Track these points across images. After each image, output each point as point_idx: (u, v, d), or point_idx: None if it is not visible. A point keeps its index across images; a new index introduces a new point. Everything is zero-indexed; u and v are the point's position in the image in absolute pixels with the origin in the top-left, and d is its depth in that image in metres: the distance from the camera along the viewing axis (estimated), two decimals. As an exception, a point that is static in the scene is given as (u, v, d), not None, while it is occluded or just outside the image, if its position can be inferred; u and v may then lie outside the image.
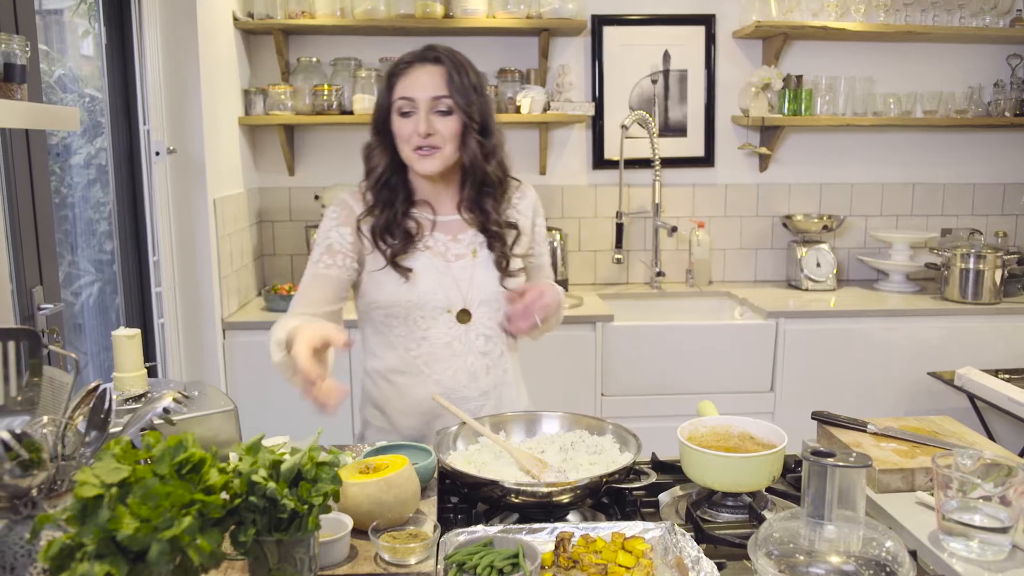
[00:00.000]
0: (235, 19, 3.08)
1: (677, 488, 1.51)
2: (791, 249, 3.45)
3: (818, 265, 3.35)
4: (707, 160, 3.48)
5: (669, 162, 3.44)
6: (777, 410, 3.02)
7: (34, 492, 0.91)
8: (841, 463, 1.10)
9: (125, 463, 0.82)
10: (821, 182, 3.54)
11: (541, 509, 1.35)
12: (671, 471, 1.55)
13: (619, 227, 3.29)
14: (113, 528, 0.77)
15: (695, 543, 1.18)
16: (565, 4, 3.15)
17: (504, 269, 1.70)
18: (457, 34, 3.30)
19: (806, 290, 3.35)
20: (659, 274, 3.44)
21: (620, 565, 1.14)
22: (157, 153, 2.62)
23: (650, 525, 1.24)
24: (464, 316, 1.68)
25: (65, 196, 2.84)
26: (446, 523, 1.35)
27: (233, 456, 1.03)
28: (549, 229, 3.35)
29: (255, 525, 0.91)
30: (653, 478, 1.40)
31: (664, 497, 1.48)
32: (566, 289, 3.35)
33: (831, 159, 3.53)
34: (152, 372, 2.78)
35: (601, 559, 1.16)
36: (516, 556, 1.11)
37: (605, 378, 3.00)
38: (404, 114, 1.60)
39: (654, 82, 3.42)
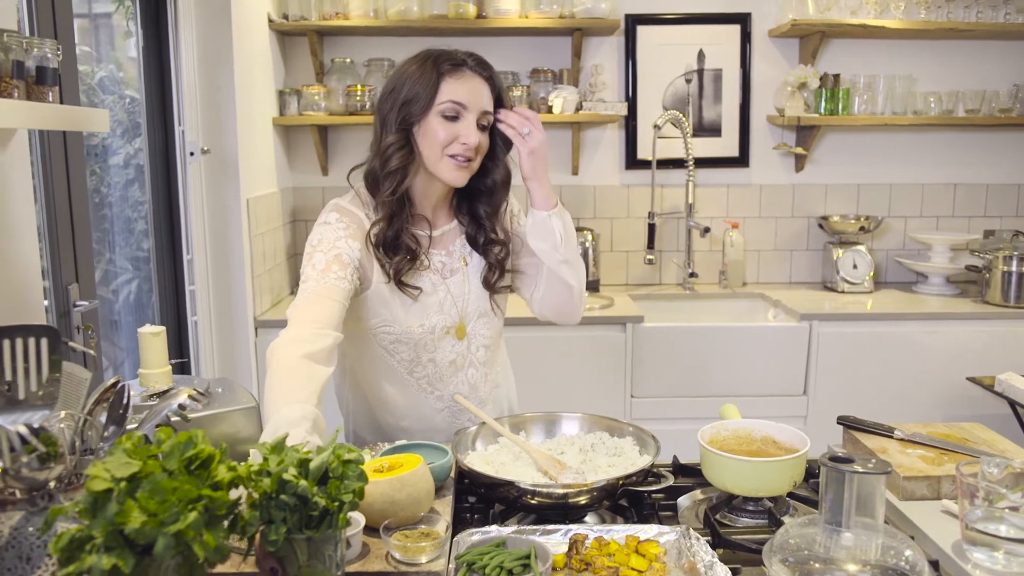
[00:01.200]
0: (270, 21, 3.12)
1: (698, 492, 1.49)
2: (827, 251, 3.39)
3: (854, 267, 3.29)
4: (742, 160, 3.44)
5: (703, 162, 3.40)
6: (810, 414, 2.98)
7: (51, 485, 0.93)
8: (859, 469, 1.08)
9: (136, 458, 0.84)
10: (858, 183, 3.48)
11: (558, 510, 1.35)
12: (693, 474, 1.53)
13: (651, 228, 3.27)
14: (121, 521, 0.78)
15: (710, 548, 1.17)
16: (598, 4, 3.14)
17: (492, 285, 1.66)
18: (490, 34, 3.31)
19: (842, 292, 3.30)
20: (692, 275, 3.41)
21: (633, 568, 1.13)
22: (191, 153, 2.66)
23: (665, 529, 1.23)
24: (461, 332, 1.65)
25: (105, 195, 2.91)
26: (463, 523, 1.35)
27: (254, 453, 1.04)
28: (580, 229, 3.34)
29: (286, 523, 0.92)
30: (670, 481, 1.38)
31: (684, 500, 1.47)
32: (596, 290, 3.34)
33: (869, 159, 3.47)
34: (185, 368, 2.83)
35: (614, 562, 1.15)
36: (528, 557, 1.10)
37: (635, 379, 2.98)
38: (448, 117, 1.51)
39: (688, 81, 3.39)
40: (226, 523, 0.86)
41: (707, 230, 3.29)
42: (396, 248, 1.56)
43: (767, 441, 1.50)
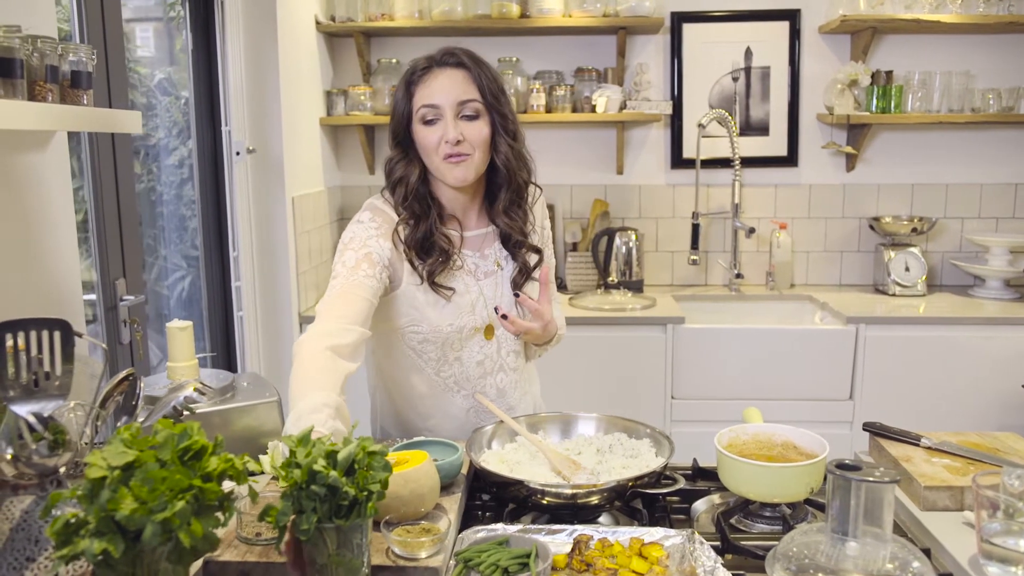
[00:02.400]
0: (317, 23, 3.19)
1: (716, 496, 1.48)
2: (878, 252, 3.30)
3: (907, 269, 3.20)
4: (790, 160, 3.37)
5: (750, 161, 3.35)
6: (856, 420, 2.90)
7: (62, 471, 0.97)
8: (866, 478, 1.06)
9: (134, 448, 0.87)
10: (912, 182, 3.37)
11: (569, 511, 1.35)
12: (712, 478, 1.51)
13: (695, 228, 3.23)
14: (112, 508, 0.81)
15: (714, 553, 1.16)
16: (642, 2, 3.12)
17: (519, 286, 1.66)
18: (533, 34, 3.32)
19: (893, 295, 3.20)
20: (738, 276, 3.36)
21: (633, 571, 1.13)
22: (237, 153, 2.74)
23: (672, 532, 1.22)
24: (489, 332, 1.64)
25: (160, 194, 3.01)
26: (475, 520, 1.36)
27: (273, 445, 1.07)
28: (624, 229, 3.32)
29: (316, 513, 0.94)
30: (680, 484, 1.37)
31: (701, 505, 1.46)
32: (640, 290, 3.32)
33: (924, 158, 3.36)
34: (228, 363, 2.91)
35: (616, 564, 1.15)
36: (527, 556, 1.11)
37: (676, 381, 2.95)
38: (428, 122, 1.52)
39: (735, 79, 3.34)
40: (219, 512, 0.89)
41: (752, 231, 3.23)
42: (429, 250, 1.58)
43: (787, 446, 1.48)
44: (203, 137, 2.78)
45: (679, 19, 3.30)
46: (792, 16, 3.28)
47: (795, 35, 3.29)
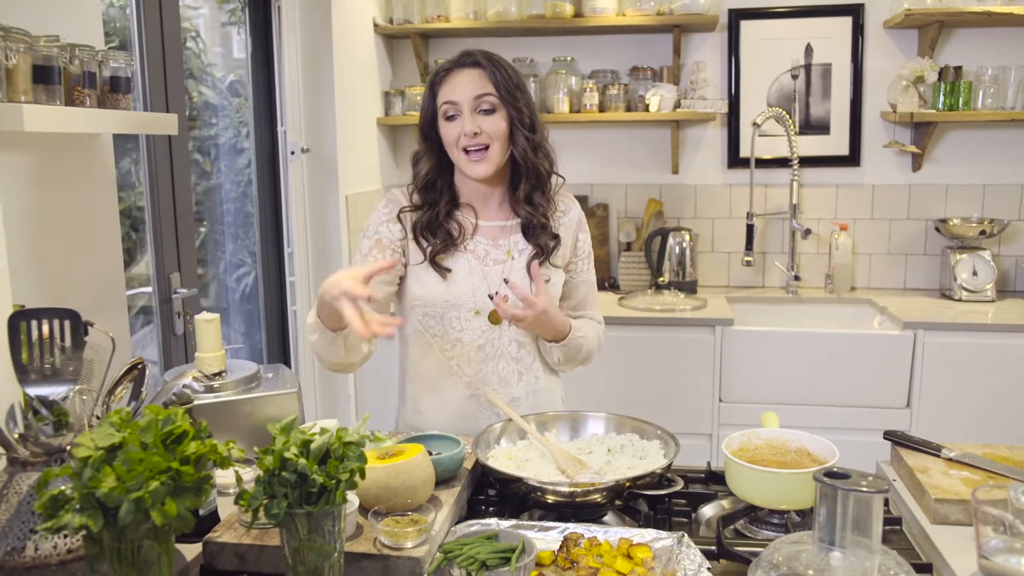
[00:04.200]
0: (375, 25, 3.27)
1: (726, 501, 1.46)
2: (945, 256, 3.17)
3: (974, 273, 3.07)
4: (852, 159, 3.27)
5: (810, 161, 3.27)
6: (913, 428, 2.80)
7: (69, 450, 1.04)
8: (851, 487, 1.04)
9: (121, 431, 0.93)
10: (984, 183, 3.23)
11: (571, 509, 1.36)
12: (724, 482, 1.50)
13: (749, 228, 3.17)
14: (94, 486, 0.87)
15: (700, 557, 1.15)
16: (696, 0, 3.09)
17: (541, 261, 1.71)
18: (587, 33, 3.32)
19: (959, 300, 3.08)
20: (795, 278, 3.28)
21: (616, 571, 1.14)
22: (292, 153, 2.84)
23: (663, 534, 1.22)
24: (496, 316, 1.69)
25: (228, 192, 3.14)
26: (478, 515, 1.39)
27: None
28: (679, 229, 3.29)
29: (287, 498, 1.00)
30: (679, 486, 1.36)
31: (708, 509, 1.45)
32: (693, 291, 3.28)
33: (996, 158, 3.21)
34: (284, 356, 3.01)
35: (600, 563, 1.16)
36: (510, 551, 1.13)
37: (724, 383, 2.91)
38: (449, 118, 1.63)
39: (795, 77, 3.26)
40: (202, 494, 0.94)
41: (808, 232, 3.15)
42: (434, 231, 1.69)
43: (801, 453, 1.46)
44: (261, 137, 2.89)
45: (737, 16, 3.25)
46: (855, 11, 3.18)
47: (858, 30, 3.19)
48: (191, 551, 1.20)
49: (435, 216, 1.69)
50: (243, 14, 2.82)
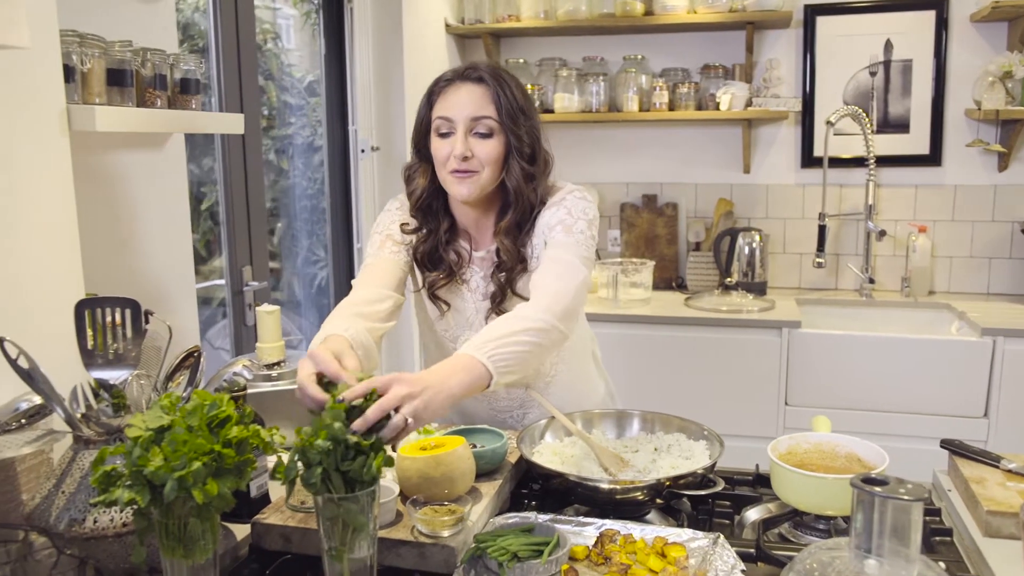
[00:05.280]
0: (447, 25, 3.32)
1: (772, 505, 1.45)
2: (1032, 260, 3.04)
3: (1063, 279, 2.92)
4: (933, 159, 3.16)
5: (888, 160, 3.17)
6: (991, 439, 2.69)
7: (123, 430, 1.11)
8: (887, 494, 1.02)
9: (170, 414, 0.99)
10: (1076, 184, 3.07)
11: (613, 506, 1.37)
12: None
13: (821, 229, 3.10)
14: (142, 464, 0.93)
15: (734, 559, 1.15)
16: (770, -5, 3.03)
17: (498, 304, 1.60)
18: (658, 31, 3.29)
19: (1046, 307, 2.94)
20: (870, 281, 3.19)
21: (649, 569, 1.14)
22: (363, 151, 2.91)
23: (699, 535, 1.22)
24: None
25: (305, 188, 3.25)
26: (520, 508, 1.41)
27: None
28: (748, 229, 3.24)
29: (322, 464, 1.03)
30: (719, 487, 1.35)
31: (754, 512, 1.43)
32: (763, 292, 3.22)
33: (1091, 158, 3.05)
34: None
35: (634, 560, 1.16)
36: (544, 544, 1.15)
37: (791, 387, 2.85)
38: (442, 135, 1.51)
39: (872, 74, 3.17)
40: (243, 476, 0.99)
41: (883, 233, 3.06)
42: (436, 263, 1.62)
43: (851, 458, 1.43)
44: (333, 135, 2.98)
45: (813, 12, 3.17)
46: (939, 5, 3.07)
47: (941, 25, 3.07)
48: (242, 531, 1.26)
49: (435, 245, 1.60)
50: (317, 16, 2.91)
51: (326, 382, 1.16)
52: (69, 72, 1.32)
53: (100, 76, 1.37)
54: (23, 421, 1.14)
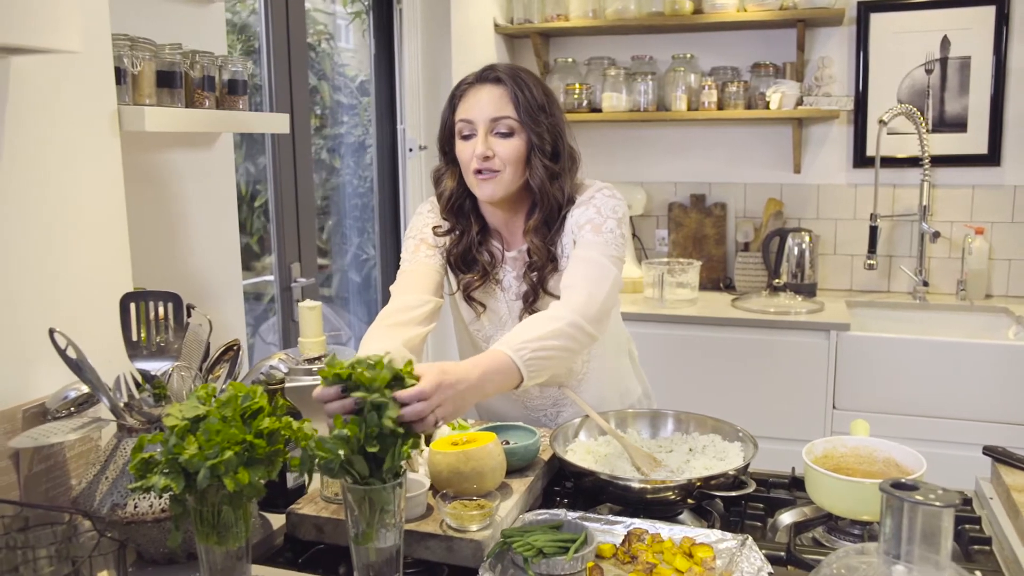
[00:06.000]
0: (496, 25, 3.34)
1: (808, 508, 1.43)
2: (1096, 264, 2.93)
3: None
4: (991, 158, 3.07)
5: (944, 160, 3.09)
6: (1049, 449, 2.60)
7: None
8: (917, 499, 1.00)
9: (206, 404, 1.03)
10: None
11: (644, 506, 1.37)
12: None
13: (872, 230, 3.03)
14: (177, 452, 0.97)
15: (762, 561, 1.14)
16: (822, -8, 2.98)
17: (531, 303, 1.61)
18: (707, 29, 3.27)
19: (1110, 313, 2.83)
20: (923, 284, 3.11)
21: (675, 569, 1.14)
22: (411, 149, 2.95)
23: (728, 536, 1.21)
24: None
25: (356, 187, 3.31)
26: (552, 505, 1.42)
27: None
28: (798, 230, 3.19)
29: (346, 444, 1.05)
30: (750, 488, 1.35)
31: (788, 515, 1.42)
32: (812, 294, 3.17)
33: None
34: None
35: (660, 560, 1.17)
36: (571, 541, 1.16)
37: (838, 390, 2.80)
38: (464, 137, 1.54)
39: (928, 72, 3.09)
40: (273, 466, 1.02)
41: (937, 235, 2.98)
42: (470, 265, 1.63)
43: (889, 463, 1.41)
44: (383, 134, 3.02)
45: (866, 8, 3.11)
46: (999, 0, 2.97)
47: (1002, 20, 2.98)
48: (279, 520, 1.29)
49: (468, 247, 1.61)
50: (368, 16, 2.96)
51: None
52: (120, 74, 1.38)
53: (150, 78, 1.42)
54: (72, 409, 1.19)
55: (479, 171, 1.52)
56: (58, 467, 1.23)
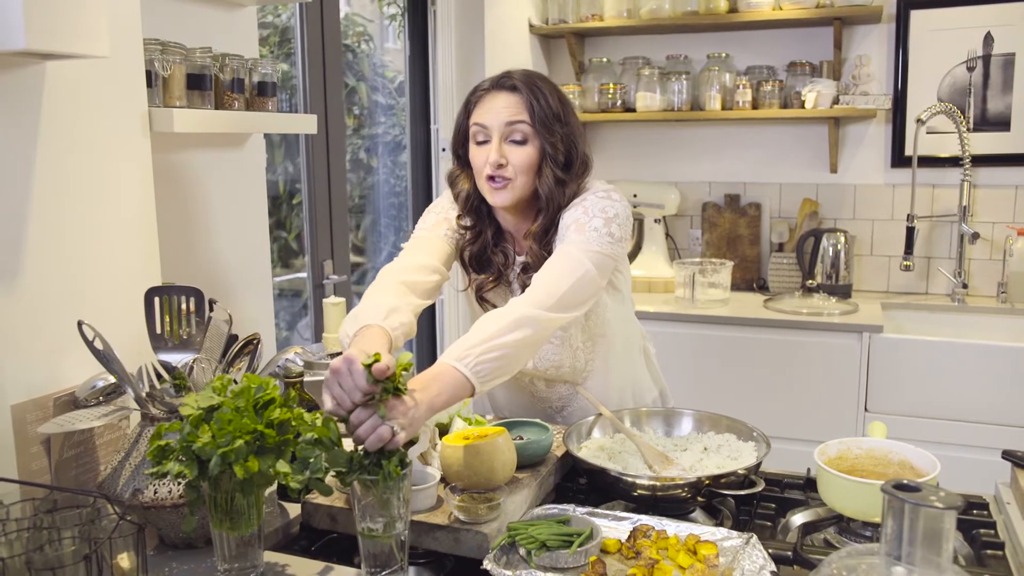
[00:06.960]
0: (531, 25, 3.36)
1: (821, 509, 1.43)
2: None
3: None
4: (1035, 158, 3.00)
5: (986, 160, 3.03)
6: (1089, 456, 2.54)
7: (186, 411, 1.20)
8: (918, 500, 1.00)
9: (220, 395, 1.07)
10: None
11: (655, 503, 1.38)
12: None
13: (909, 231, 2.99)
14: (191, 440, 1.02)
15: (765, 559, 1.15)
16: (859, -10, 2.94)
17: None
18: (743, 28, 3.25)
19: None
20: (963, 286, 3.05)
21: (678, 565, 1.15)
22: (444, 149, 2.99)
23: (733, 534, 1.22)
24: None
25: (393, 186, 3.36)
26: (565, 500, 1.44)
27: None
28: (833, 230, 3.16)
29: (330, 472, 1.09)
30: (759, 487, 1.35)
31: (800, 516, 1.42)
32: (847, 295, 3.13)
33: None
34: (433, 343, 3.18)
35: (664, 556, 1.18)
36: (576, 535, 1.18)
37: (871, 393, 2.77)
38: (479, 142, 1.53)
39: (970, 69, 3.03)
40: (283, 456, 1.06)
41: (976, 236, 2.93)
42: (486, 265, 1.63)
43: (904, 465, 1.40)
44: (417, 134, 3.07)
45: (906, 5, 3.06)
46: (1044, -4, 2.91)
47: (1048, 17, 2.91)
48: (296, 510, 1.33)
49: (484, 247, 1.62)
50: (403, 17, 3.01)
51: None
52: (151, 77, 1.43)
53: (180, 81, 1.48)
54: (100, 398, 1.24)
55: (492, 178, 1.52)
56: (87, 453, 1.29)
